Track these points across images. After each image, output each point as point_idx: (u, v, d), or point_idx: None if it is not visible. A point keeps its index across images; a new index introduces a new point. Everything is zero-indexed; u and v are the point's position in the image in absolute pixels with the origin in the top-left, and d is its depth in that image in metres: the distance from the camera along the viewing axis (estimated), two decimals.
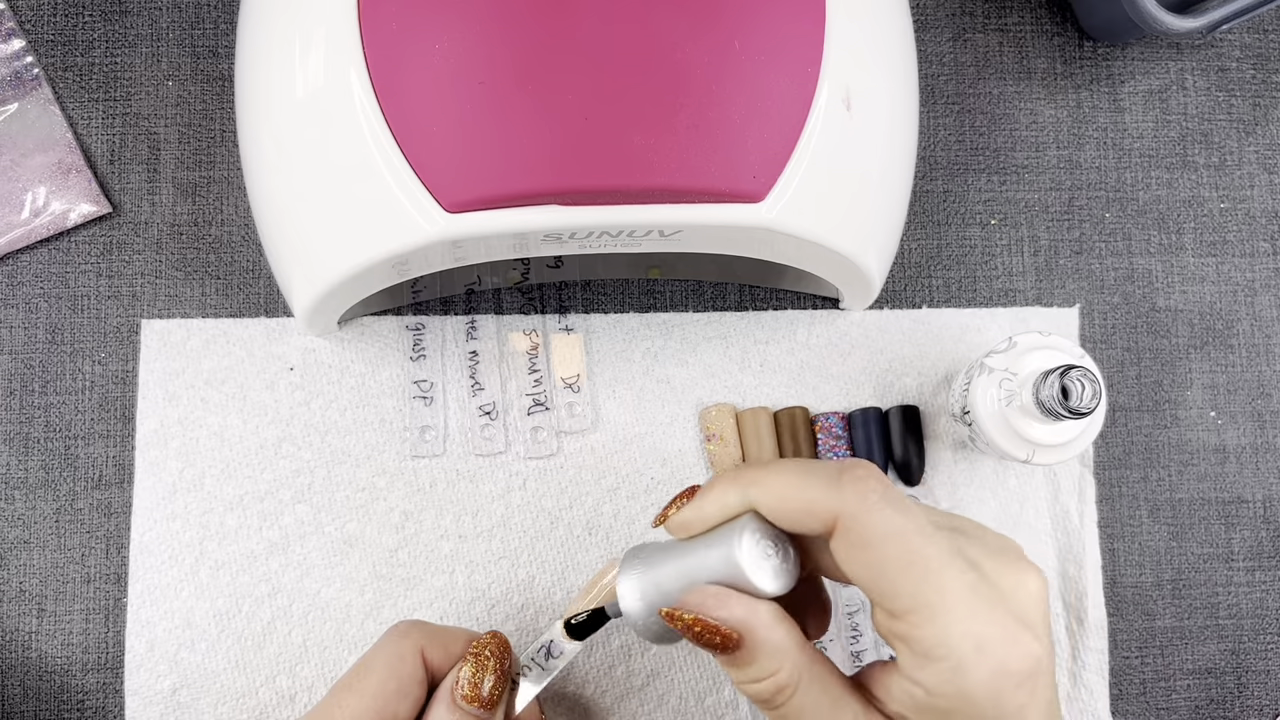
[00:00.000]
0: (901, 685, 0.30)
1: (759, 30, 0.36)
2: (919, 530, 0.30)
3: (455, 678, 0.37)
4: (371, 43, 0.35)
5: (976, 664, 0.29)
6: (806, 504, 0.31)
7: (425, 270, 0.39)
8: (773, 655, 0.31)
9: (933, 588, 0.29)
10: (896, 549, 0.29)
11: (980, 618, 0.29)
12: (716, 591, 0.31)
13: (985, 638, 0.29)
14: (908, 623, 0.29)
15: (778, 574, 0.32)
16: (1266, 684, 0.50)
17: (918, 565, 0.29)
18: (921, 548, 0.29)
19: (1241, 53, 0.53)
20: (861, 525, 0.30)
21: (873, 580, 0.30)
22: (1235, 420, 0.51)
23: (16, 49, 0.48)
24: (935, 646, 0.29)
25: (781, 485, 0.32)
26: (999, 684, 0.29)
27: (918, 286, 0.50)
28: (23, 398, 0.47)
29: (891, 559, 0.29)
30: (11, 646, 0.46)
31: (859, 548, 0.30)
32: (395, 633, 0.38)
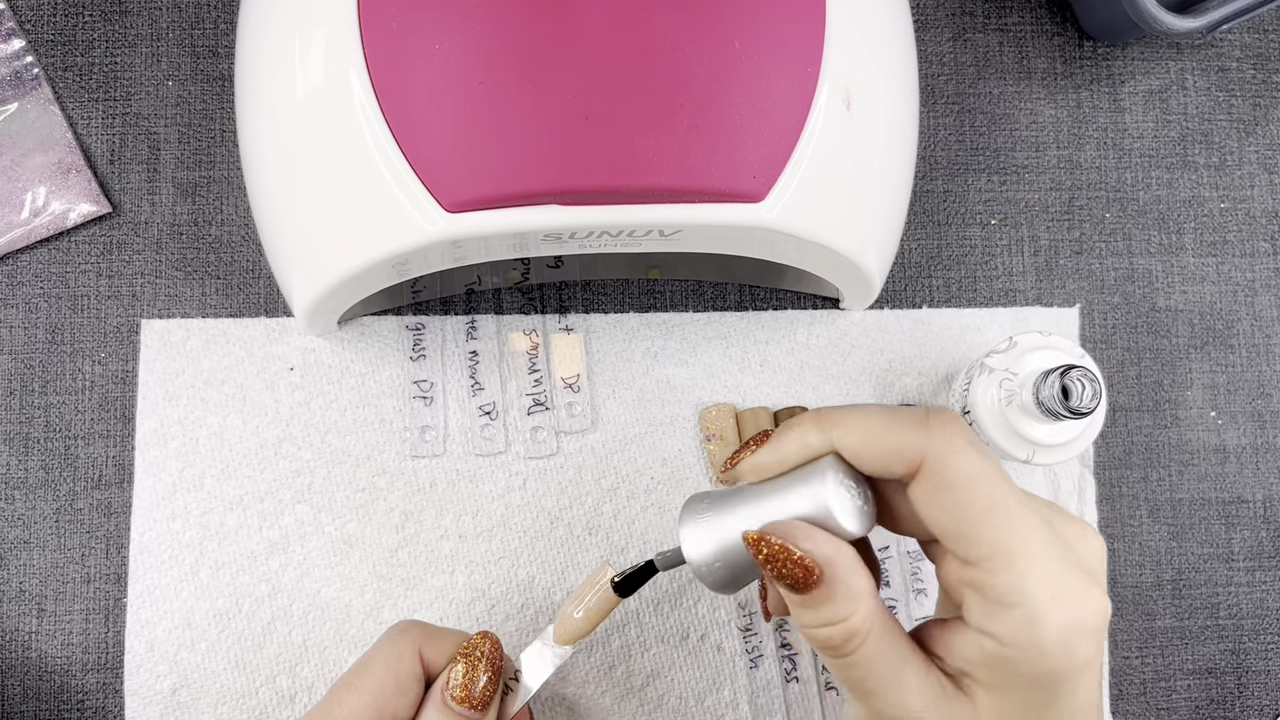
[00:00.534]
0: (968, 638, 0.30)
1: (759, 30, 0.36)
2: (1002, 478, 0.30)
3: (447, 678, 0.37)
4: (371, 43, 0.35)
5: (1051, 613, 0.28)
6: (894, 444, 0.30)
7: (425, 270, 0.39)
8: (850, 598, 0.30)
9: (1013, 534, 0.29)
10: (981, 493, 0.29)
11: (1055, 568, 0.29)
12: (804, 525, 0.31)
13: (1061, 587, 0.29)
14: (983, 569, 0.29)
15: (861, 515, 0.31)
16: (1266, 684, 0.50)
17: (999, 511, 0.29)
18: (1004, 495, 0.29)
19: (1241, 53, 0.53)
20: (947, 468, 0.30)
21: (953, 524, 0.30)
22: (1235, 420, 0.51)
23: (16, 49, 0.48)
24: (1010, 593, 0.29)
25: (867, 426, 0.31)
26: (1072, 635, 0.28)
27: (918, 286, 0.50)
28: (23, 398, 0.47)
29: (975, 503, 0.29)
30: (11, 646, 0.46)
31: (943, 490, 0.30)
32: (394, 631, 0.38)
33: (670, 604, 0.47)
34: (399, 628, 0.38)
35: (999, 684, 0.30)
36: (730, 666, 0.47)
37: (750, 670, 0.47)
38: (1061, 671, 0.29)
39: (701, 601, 0.47)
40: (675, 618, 0.47)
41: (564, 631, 0.38)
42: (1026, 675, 0.29)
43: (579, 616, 0.38)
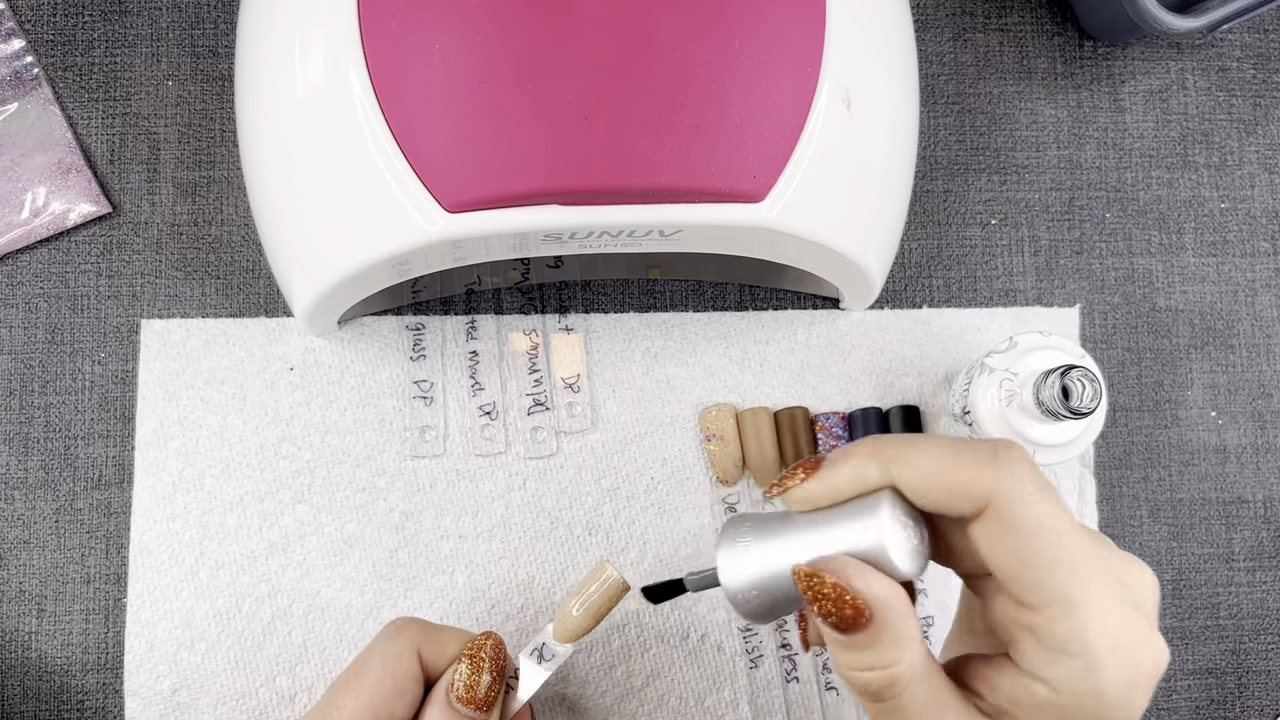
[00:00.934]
0: (1018, 680, 0.29)
1: (759, 30, 0.36)
2: (1070, 525, 0.29)
3: (451, 678, 0.37)
4: (371, 43, 0.35)
5: (1112, 665, 0.28)
6: (960, 484, 0.29)
7: (425, 270, 0.39)
8: (898, 643, 0.29)
9: (1077, 584, 0.28)
10: (1048, 541, 0.28)
11: (1117, 618, 0.28)
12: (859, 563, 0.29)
13: (1122, 638, 0.28)
14: (1044, 616, 0.28)
15: (916, 555, 0.30)
16: (1267, 684, 0.50)
17: (1065, 560, 0.28)
18: (1072, 543, 0.29)
19: (1241, 53, 0.53)
20: (1015, 513, 0.29)
21: (1016, 568, 0.29)
22: (1236, 420, 0.51)
23: (16, 49, 0.48)
24: (1070, 642, 0.28)
25: (930, 461, 0.30)
26: (1131, 686, 0.28)
27: (918, 286, 0.50)
28: (23, 398, 0.47)
29: (1041, 550, 0.28)
30: (11, 646, 0.46)
31: (1009, 534, 0.29)
32: (391, 630, 0.38)
33: (670, 604, 0.47)
34: (396, 626, 0.38)
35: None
36: (730, 666, 0.47)
37: (750, 670, 0.47)
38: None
39: (701, 601, 0.47)
40: (675, 618, 0.47)
41: (564, 630, 0.38)
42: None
43: (577, 614, 0.38)
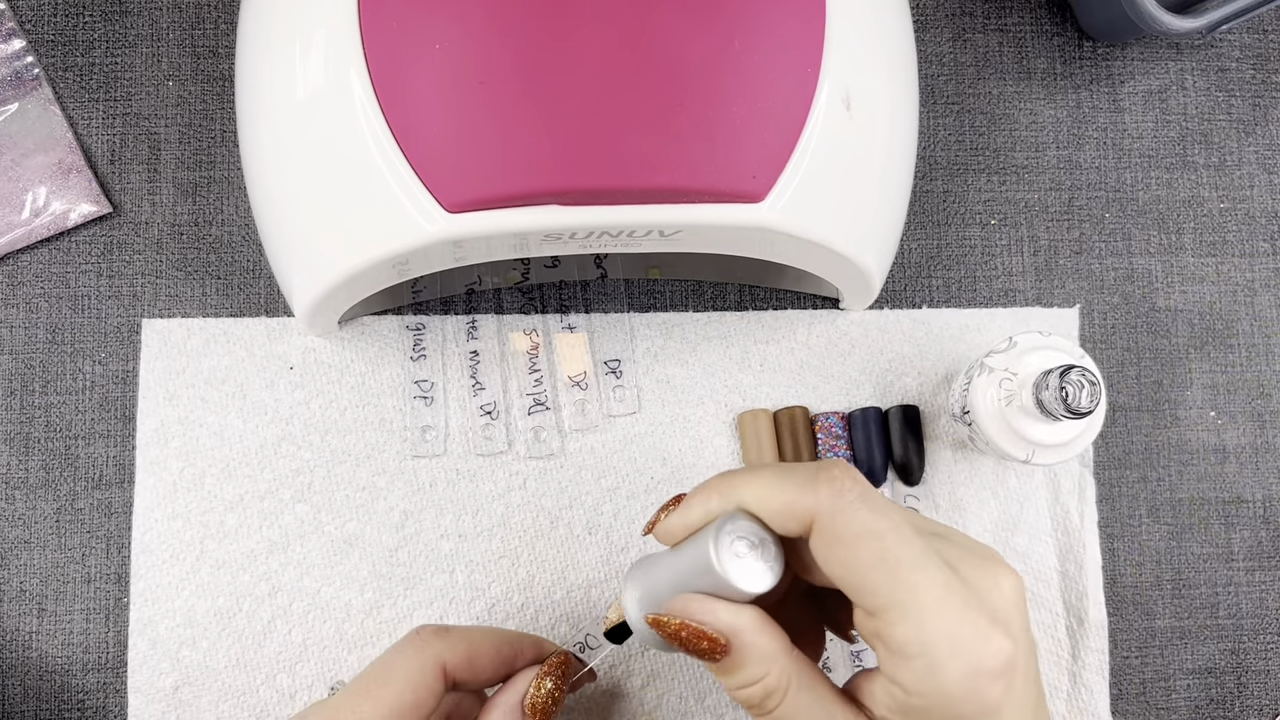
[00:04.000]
0: (883, 687, 0.31)
1: (759, 30, 0.36)
2: (893, 529, 0.30)
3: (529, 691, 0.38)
4: (371, 43, 0.35)
5: (950, 661, 0.29)
6: (785, 504, 0.31)
7: (425, 270, 0.39)
8: (760, 660, 0.31)
9: (905, 586, 0.29)
10: (870, 547, 0.30)
11: (952, 616, 0.29)
12: (700, 598, 0.32)
13: (957, 635, 0.29)
14: (884, 620, 0.30)
15: (755, 572, 0.32)
16: (1266, 684, 0.50)
17: (890, 563, 0.30)
18: (894, 546, 0.30)
19: (1241, 53, 0.53)
20: (835, 524, 0.30)
21: (848, 578, 0.30)
22: (1235, 420, 0.51)
23: (17, 49, 0.48)
24: (908, 644, 0.29)
25: (759, 487, 0.32)
26: (973, 681, 0.29)
27: (918, 286, 0.50)
28: (23, 398, 0.47)
29: (865, 557, 0.30)
30: (11, 646, 0.46)
31: (834, 546, 0.30)
32: (417, 641, 0.37)
33: None
34: (422, 639, 0.37)
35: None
36: None
37: None
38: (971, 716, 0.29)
39: None
40: None
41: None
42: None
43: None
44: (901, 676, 0.30)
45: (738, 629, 0.31)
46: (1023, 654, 0.30)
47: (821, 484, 0.31)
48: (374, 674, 0.37)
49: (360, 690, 0.36)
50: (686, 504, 0.33)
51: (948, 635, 0.29)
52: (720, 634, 0.31)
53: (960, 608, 0.29)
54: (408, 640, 0.38)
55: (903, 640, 0.29)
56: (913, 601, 0.29)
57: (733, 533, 0.32)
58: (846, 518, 0.30)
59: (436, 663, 0.37)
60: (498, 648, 0.38)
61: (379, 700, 0.36)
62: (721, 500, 0.33)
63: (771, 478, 0.32)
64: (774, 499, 0.31)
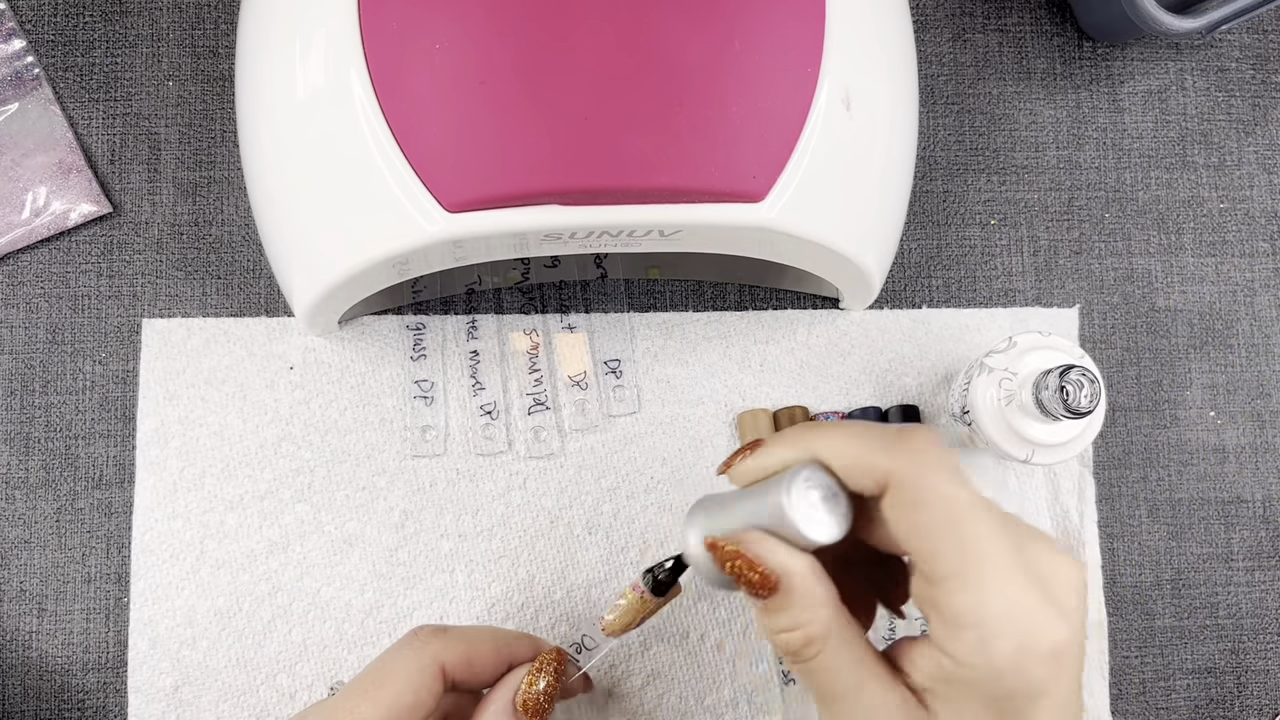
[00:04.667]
0: (929, 655, 0.31)
1: (759, 30, 0.36)
2: (968, 500, 0.30)
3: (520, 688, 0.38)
4: (371, 43, 0.35)
5: (1003, 636, 0.29)
6: (864, 461, 0.31)
7: (425, 270, 0.39)
8: (807, 606, 0.31)
9: (973, 556, 0.29)
10: (944, 514, 0.30)
11: (1012, 592, 0.29)
12: (764, 536, 0.32)
13: (1014, 611, 0.29)
14: (944, 589, 0.30)
15: (822, 523, 0.32)
16: (1266, 684, 0.50)
17: (961, 533, 0.29)
18: (968, 517, 0.30)
19: (1241, 53, 0.53)
20: (913, 487, 0.30)
21: (916, 543, 0.30)
22: (1235, 420, 0.51)
23: (17, 49, 0.48)
24: (965, 614, 0.29)
25: (839, 442, 0.32)
26: (1022, 658, 0.29)
27: (918, 286, 0.50)
28: (23, 398, 0.47)
29: (937, 523, 0.30)
30: (11, 646, 0.46)
31: (907, 509, 0.30)
32: (416, 641, 0.37)
33: (670, 603, 0.47)
34: (421, 638, 0.38)
35: (957, 702, 0.30)
36: (730, 666, 0.47)
37: (750, 670, 0.47)
38: (1016, 694, 0.29)
39: (701, 601, 0.47)
40: (675, 618, 0.47)
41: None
42: (982, 696, 0.29)
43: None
44: (952, 646, 0.30)
45: (791, 570, 0.31)
46: (1075, 643, 0.30)
47: (903, 446, 0.31)
48: (372, 675, 0.37)
49: (358, 691, 0.36)
50: (765, 449, 0.33)
51: (1005, 610, 0.29)
52: (772, 571, 0.31)
53: (1021, 585, 0.29)
54: (406, 640, 0.38)
55: (960, 609, 0.29)
56: (976, 573, 0.29)
57: (808, 480, 0.32)
58: (924, 481, 0.30)
59: (435, 662, 0.37)
60: (496, 648, 0.38)
61: (377, 701, 0.36)
62: (800, 450, 0.32)
63: (854, 433, 0.32)
64: (853, 454, 0.31)
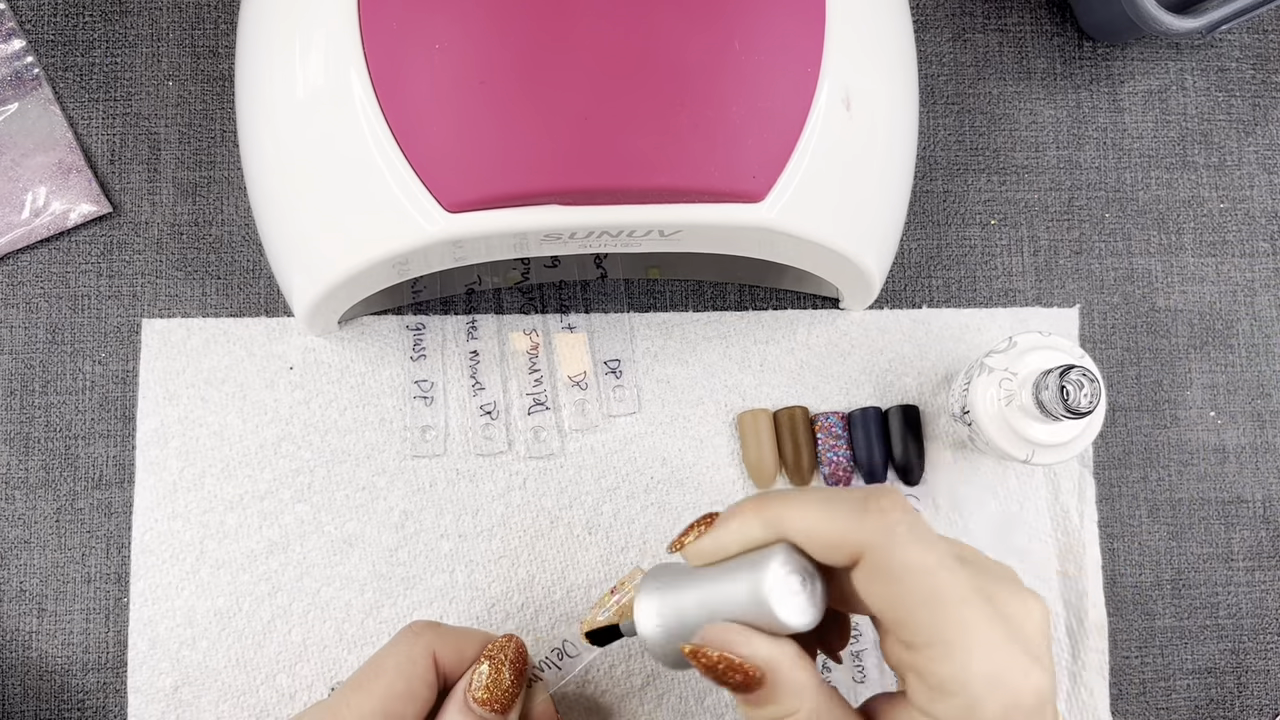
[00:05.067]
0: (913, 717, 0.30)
1: (759, 30, 0.36)
2: (940, 564, 0.30)
3: (470, 679, 0.37)
4: (371, 43, 0.35)
5: (989, 699, 0.29)
6: (834, 536, 0.30)
7: (425, 270, 0.39)
8: (794, 694, 0.30)
9: (953, 624, 0.29)
10: (920, 584, 0.29)
11: (995, 655, 0.29)
12: (740, 629, 0.31)
13: (999, 674, 0.29)
14: (925, 657, 0.29)
15: (804, 610, 0.31)
16: (1266, 684, 0.50)
17: (938, 601, 0.29)
18: (944, 584, 0.29)
19: (1241, 53, 0.53)
20: (886, 559, 0.30)
21: (892, 613, 0.30)
22: (1235, 420, 0.51)
23: (17, 49, 0.48)
24: (949, 681, 0.29)
25: (806, 517, 0.31)
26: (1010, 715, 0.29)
27: (918, 286, 0.50)
28: (23, 398, 0.47)
29: (914, 594, 0.29)
30: (11, 646, 0.46)
31: (881, 581, 0.30)
32: (408, 633, 0.38)
33: None
34: (413, 630, 0.38)
35: None
36: None
37: None
38: None
39: None
40: None
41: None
42: None
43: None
44: (938, 711, 0.29)
45: (775, 665, 0.30)
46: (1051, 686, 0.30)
47: (871, 515, 0.30)
48: (367, 668, 0.37)
49: (354, 685, 0.37)
50: (721, 526, 0.32)
51: (989, 673, 0.29)
52: (756, 668, 0.30)
53: (1002, 645, 0.29)
54: (399, 634, 0.38)
55: (944, 677, 0.29)
56: (958, 640, 0.29)
57: (785, 564, 0.31)
58: (896, 553, 0.29)
59: (427, 652, 0.37)
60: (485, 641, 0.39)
61: (371, 692, 0.36)
62: (764, 529, 0.31)
63: (818, 506, 0.31)
64: (822, 530, 0.30)
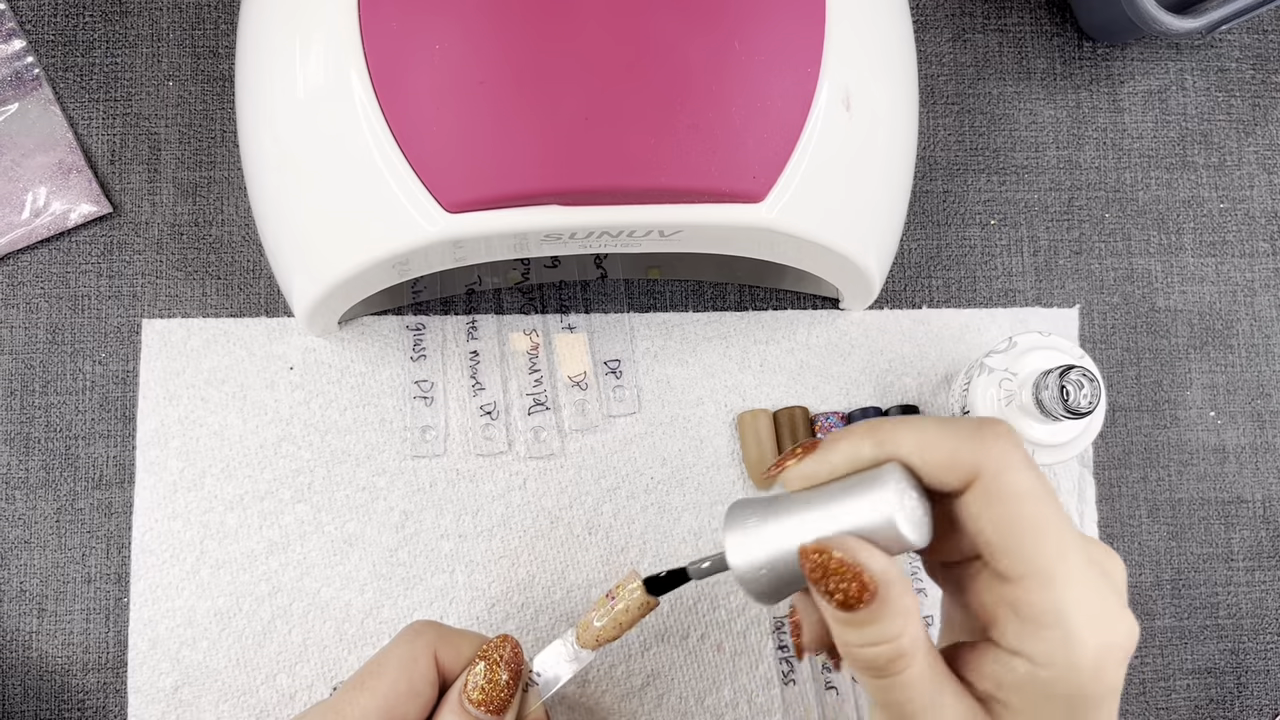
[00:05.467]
0: (1000, 660, 0.30)
1: (759, 30, 0.36)
2: (1051, 498, 0.29)
3: (465, 680, 0.37)
4: (371, 43, 0.35)
5: (1087, 635, 0.28)
6: (949, 456, 0.30)
7: (425, 270, 0.39)
8: (901, 617, 0.29)
9: (1055, 554, 0.29)
10: (1030, 510, 0.29)
11: (1092, 591, 0.29)
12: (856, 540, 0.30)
13: (1097, 610, 0.29)
14: (1023, 587, 0.29)
15: (921, 525, 0.30)
16: (1266, 684, 0.50)
17: (1045, 530, 0.29)
18: (1052, 514, 0.29)
19: (1241, 53, 0.53)
20: (1001, 481, 0.29)
21: (999, 538, 0.29)
22: (1235, 420, 0.51)
23: (17, 49, 0.48)
24: (1047, 613, 0.28)
25: (922, 437, 0.30)
26: (1104, 657, 0.28)
27: (918, 286, 0.50)
28: (23, 398, 0.47)
29: (1023, 519, 0.29)
30: (12, 646, 0.46)
31: (994, 503, 0.29)
32: (410, 633, 0.38)
33: (670, 604, 0.47)
34: (415, 629, 0.38)
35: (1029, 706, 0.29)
36: (730, 666, 0.47)
37: (750, 670, 0.47)
38: (1091, 694, 0.29)
39: (701, 601, 0.47)
40: (675, 618, 0.47)
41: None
42: (1059, 696, 0.29)
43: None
44: (1032, 646, 0.29)
45: (891, 580, 0.29)
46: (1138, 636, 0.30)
47: (989, 439, 0.30)
48: (369, 667, 0.37)
49: (356, 684, 0.37)
50: (828, 449, 0.31)
51: (1087, 608, 0.28)
52: (872, 579, 0.29)
53: (1097, 583, 0.29)
54: (401, 633, 0.38)
55: (1043, 608, 0.28)
56: (1060, 570, 0.28)
57: (907, 481, 0.30)
58: (1012, 476, 0.29)
59: (429, 650, 0.37)
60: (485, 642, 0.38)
61: (374, 691, 0.36)
62: (875, 448, 0.31)
63: (935, 428, 0.30)
64: (939, 450, 0.30)
